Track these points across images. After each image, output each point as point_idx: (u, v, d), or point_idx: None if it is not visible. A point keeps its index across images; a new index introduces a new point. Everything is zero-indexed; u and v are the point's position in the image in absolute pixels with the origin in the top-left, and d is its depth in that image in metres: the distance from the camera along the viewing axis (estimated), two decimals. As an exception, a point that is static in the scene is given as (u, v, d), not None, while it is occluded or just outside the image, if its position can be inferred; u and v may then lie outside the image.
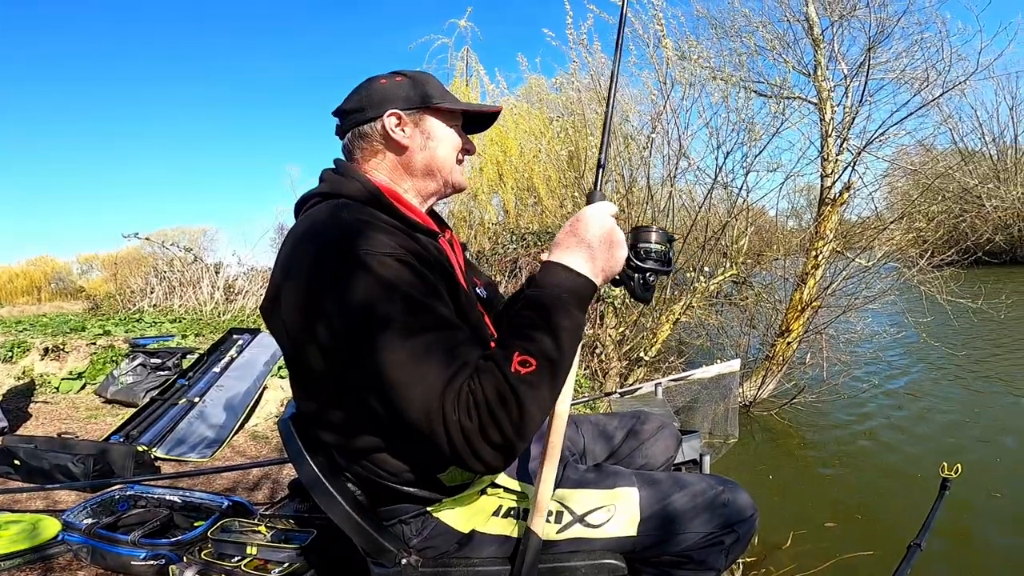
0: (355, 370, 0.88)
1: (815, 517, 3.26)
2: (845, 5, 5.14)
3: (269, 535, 1.66)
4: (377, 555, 1.05)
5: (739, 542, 1.13)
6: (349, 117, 1.13)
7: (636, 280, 1.06)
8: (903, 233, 5.60)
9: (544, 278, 0.94)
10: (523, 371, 0.82)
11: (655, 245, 1.05)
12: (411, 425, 0.83)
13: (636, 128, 6.17)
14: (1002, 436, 4.30)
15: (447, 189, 1.18)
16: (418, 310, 0.86)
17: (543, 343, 0.85)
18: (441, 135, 1.14)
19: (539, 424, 0.87)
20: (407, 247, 0.93)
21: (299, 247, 0.97)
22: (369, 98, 1.11)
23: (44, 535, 2.00)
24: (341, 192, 1.04)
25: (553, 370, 0.85)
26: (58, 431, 3.40)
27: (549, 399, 0.87)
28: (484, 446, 0.82)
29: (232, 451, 3.36)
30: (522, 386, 0.82)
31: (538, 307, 0.89)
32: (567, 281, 0.92)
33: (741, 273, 5.66)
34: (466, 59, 6.89)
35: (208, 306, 8.87)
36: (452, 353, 0.85)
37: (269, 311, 1.01)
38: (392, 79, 1.13)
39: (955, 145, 18.25)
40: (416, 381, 0.82)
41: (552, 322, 0.87)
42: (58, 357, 5.34)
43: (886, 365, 6.30)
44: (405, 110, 1.10)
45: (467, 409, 0.81)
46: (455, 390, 0.82)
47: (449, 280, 1.01)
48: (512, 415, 0.81)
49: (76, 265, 18.87)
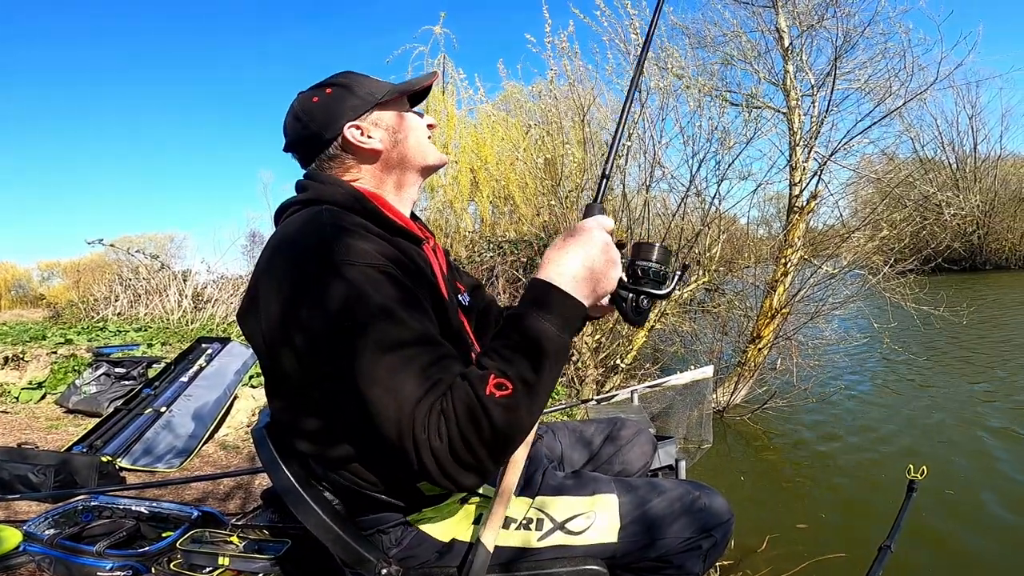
0: (329, 381, 0.87)
1: (788, 520, 3.31)
2: (814, 16, 5.28)
3: (242, 546, 1.62)
4: (355, 565, 1.03)
5: (716, 546, 1.14)
6: (305, 146, 1.10)
7: (629, 302, 0.98)
8: (867, 240, 5.75)
9: (530, 296, 0.88)
10: (498, 394, 0.79)
11: (654, 264, 0.97)
12: (383, 440, 0.82)
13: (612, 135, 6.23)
14: (965, 437, 4.43)
15: (427, 172, 1.17)
16: (395, 323, 0.84)
17: (521, 366, 0.81)
18: (408, 123, 1.13)
19: (515, 446, 0.85)
20: (388, 255, 0.92)
21: (278, 254, 0.95)
22: (316, 121, 1.07)
23: (5, 546, 1.92)
24: (322, 198, 1.02)
25: (530, 394, 0.82)
26: (18, 441, 3.29)
27: (527, 422, 0.83)
28: (454, 466, 0.80)
29: (202, 461, 3.28)
30: (496, 409, 0.79)
31: (520, 328, 0.85)
32: (554, 301, 0.86)
33: (714, 280, 5.74)
34: (442, 66, 6.87)
35: (175, 314, 8.68)
36: (427, 369, 0.82)
37: (245, 318, 0.99)
38: (323, 93, 1.09)
39: (916, 154, 18.87)
40: (388, 397, 0.80)
41: (533, 345, 0.83)
42: (18, 366, 5.17)
43: (854, 370, 6.45)
44: (359, 116, 1.08)
45: (437, 429, 0.79)
46: (426, 408, 0.80)
47: (431, 289, 1.00)
48: (484, 437, 0.79)
49: (37, 272, 18.36)
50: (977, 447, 4.24)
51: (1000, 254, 19.78)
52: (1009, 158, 20.73)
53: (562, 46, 5.60)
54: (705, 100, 5.42)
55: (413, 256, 1.01)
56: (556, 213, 5.88)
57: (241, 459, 3.34)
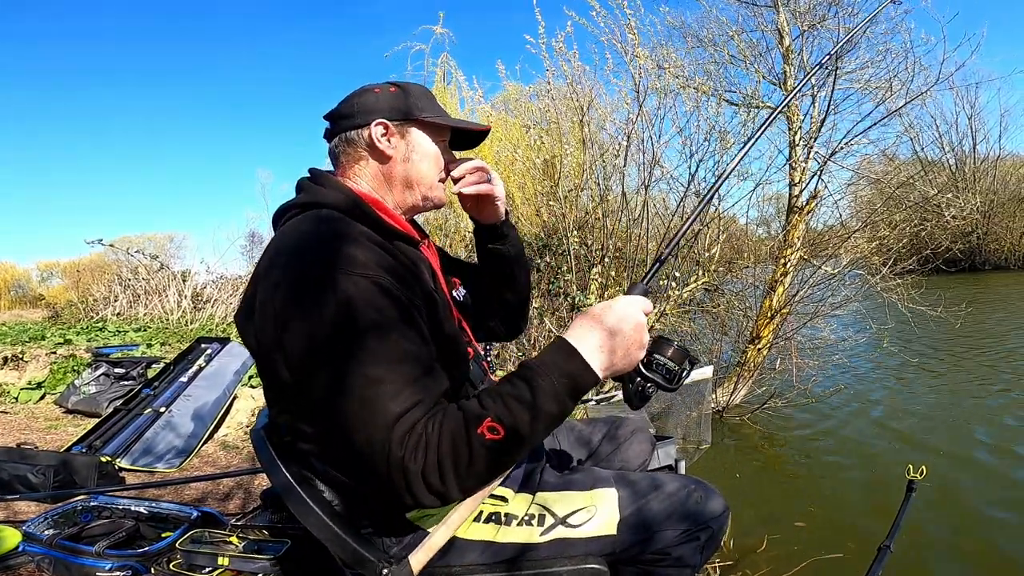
0: (315, 388, 0.88)
1: (787, 520, 3.31)
2: (815, 15, 5.26)
3: (241, 546, 1.62)
4: (355, 565, 1.03)
5: (713, 539, 1.16)
6: (338, 122, 1.14)
7: (636, 384, 0.99)
8: (867, 241, 5.75)
9: (551, 355, 0.89)
10: (488, 436, 0.82)
11: (669, 362, 0.99)
12: (352, 450, 0.83)
13: (612, 136, 6.23)
14: (964, 438, 4.43)
15: (426, 203, 1.18)
16: (384, 338, 0.86)
17: (519, 419, 0.84)
18: (425, 149, 1.14)
19: (483, 484, 0.88)
20: (385, 265, 0.93)
21: (277, 260, 0.97)
22: (360, 105, 1.11)
23: (4, 546, 1.93)
24: (321, 202, 1.04)
25: (517, 445, 0.85)
26: (17, 441, 3.29)
27: (504, 465, 0.87)
28: (421, 488, 0.82)
29: (201, 461, 3.29)
30: (481, 449, 0.82)
31: (531, 384, 0.86)
32: (573, 368, 0.88)
33: (713, 281, 5.73)
34: (444, 66, 6.87)
35: (175, 315, 8.69)
36: (410, 388, 0.84)
37: (243, 321, 1.00)
38: (385, 89, 1.14)
39: (916, 155, 18.89)
40: (366, 410, 0.82)
41: (538, 404, 0.85)
42: (17, 366, 5.17)
43: (853, 370, 6.45)
44: (392, 120, 1.11)
45: (415, 449, 0.81)
46: (407, 426, 0.81)
47: (429, 290, 1.01)
48: (459, 469, 0.82)
49: (36, 272, 18.39)
50: (977, 447, 4.24)
51: (999, 254, 19.79)
52: (1008, 158, 20.78)
53: (559, 47, 5.58)
54: (703, 100, 5.41)
55: (411, 260, 1.02)
56: (555, 213, 5.87)
57: (241, 459, 3.34)
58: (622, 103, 5.69)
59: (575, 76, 5.75)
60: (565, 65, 5.65)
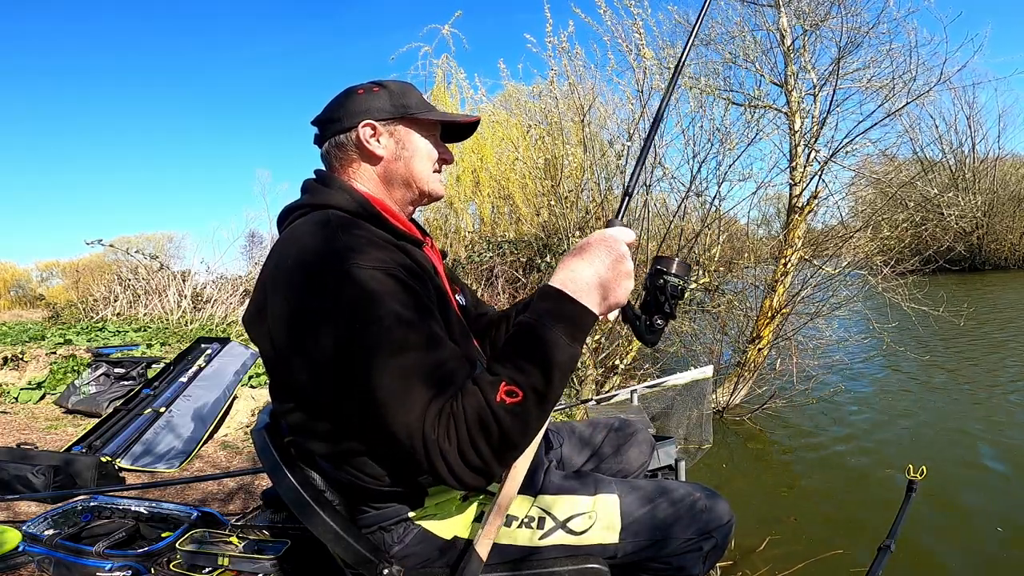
0: (341, 384, 0.88)
1: (788, 520, 3.31)
2: (818, 14, 5.25)
3: (241, 546, 1.62)
4: (356, 565, 1.03)
5: (717, 548, 1.15)
6: (326, 127, 1.13)
7: (642, 320, 1.00)
8: (868, 241, 5.74)
9: (543, 304, 0.88)
10: (508, 401, 0.81)
11: (672, 278, 0.98)
12: (392, 441, 0.83)
13: (614, 135, 6.23)
14: (965, 438, 4.43)
15: (423, 198, 1.18)
16: (406, 327, 0.85)
17: (532, 376, 0.83)
18: (417, 145, 1.14)
19: (522, 451, 0.87)
20: (397, 261, 0.93)
21: (287, 259, 0.95)
22: (345, 108, 1.11)
23: (4, 546, 1.93)
24: (328, 203, 1.03)
25: (540, 402, 0.84)
26: (17, 441, 3.28)
27: (536, 426, 0.86)
28: (462, 467, 0.82)
29: (202, 462, 3.28)
30: (506, 416, 0.81)
31: (532, 337, 0.86)
32: (567, 311, 0.87)
33: (714, 281, 5.74)
34: (445, 66, 6.88)
35: (175, 315, 8.68)
36: (438, 372, 0.84)
37: (253, 322, 1.00)
38: (369, 89, 1.13)
39: (916, 155, 18.88)
40: (400, 399, 0.82)
41: (545, 355, 0.84)
42: (17, 366, 5.17)
43: (853, 370, 6.44)
44: (380, 120, 1.10)
45: (447, 431, 0.81)
46: (436, 410, 0.81)
47: (438, 291, 1.01)
48: (492, 442, 0.81)
49: (36, 272, 18.40)
50: (977, 447, 4.24)
51: (999, 254, 19.77)
52: (1008, 158, 20.75)
53: (562, 46, 5.58)
54: (707, 100, 5.41)
55: (419, 259, 1.02)
56: (556, 213, 5.87)
57: (241, 459, 3.34)
58: (624, 103, 5.69)
59: (577, 75, 5.75)
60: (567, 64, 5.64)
